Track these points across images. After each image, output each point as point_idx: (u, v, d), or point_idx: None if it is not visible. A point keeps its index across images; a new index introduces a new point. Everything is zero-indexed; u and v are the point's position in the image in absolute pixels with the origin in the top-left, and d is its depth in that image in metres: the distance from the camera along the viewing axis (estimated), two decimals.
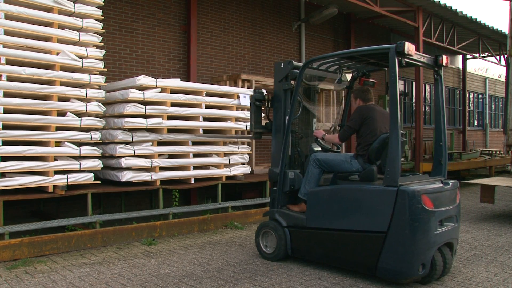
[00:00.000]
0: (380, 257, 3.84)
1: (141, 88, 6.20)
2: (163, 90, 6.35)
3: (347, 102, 5.50)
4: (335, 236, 4.17)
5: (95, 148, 5.70)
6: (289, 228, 4.58)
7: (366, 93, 4.67)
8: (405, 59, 3.98)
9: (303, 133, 5.37)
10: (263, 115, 5.36)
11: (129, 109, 5.98)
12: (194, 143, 6.83)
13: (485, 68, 34.37)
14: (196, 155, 6.81)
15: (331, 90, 9.37)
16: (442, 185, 4.13)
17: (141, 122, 6.09)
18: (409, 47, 3.87)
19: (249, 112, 6.67)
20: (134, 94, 6.02)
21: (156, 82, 6.29)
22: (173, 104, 6.48)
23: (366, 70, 5.04)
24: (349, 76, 4.86)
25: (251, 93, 5.51)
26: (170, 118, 6.43)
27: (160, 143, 6.45)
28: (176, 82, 6.69)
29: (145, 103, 6.18)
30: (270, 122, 5.16)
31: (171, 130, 6.53)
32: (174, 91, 6.50)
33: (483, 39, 14.24)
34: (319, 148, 4.92)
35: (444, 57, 4.39)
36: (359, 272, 4.15)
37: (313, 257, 4.47)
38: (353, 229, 4.04)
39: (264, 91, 5.33)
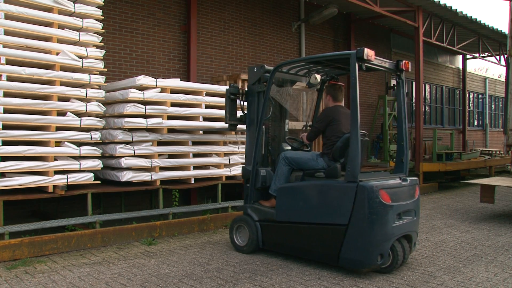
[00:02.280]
0: (342, 248, 4.11)
1: (141, 88, 6.20)
2: (163, 90, 6.35)
3: (317, 103, 5.76)
4: (301, 229, 4.46)
5: (95, 148, 5.70)
6: (260, 222, 4.87)
7: (338, 91, 4.93)
8: (366, 64, 4.26)
9: (276, 133, 5.64)
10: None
11: (129, 109, 5.98)
12: (194, 143, 6.83)
13: (485, 68, 34.42)
14: (196, 155, 6.82)
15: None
16: (400, 181, 4.39)
17: (141, 122, 6.09)
18: (368, 53, 4.15)
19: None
20: (134, 94, 6.02)
21: (156, 82, 6.29)
22: (173, 104, 6.48)
23: (334, 73, 5.35)
24: (319, 78, 5.13)
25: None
26: (170, 118, 6.43)
27: (160, 143, 6.45)
28: (176, 82, 6.69)
29: (145, 103, 6.18)
30: (245, 114, 5.44)
31: (171, 130, 6.54)
32: (174, 91, 6.50)
33: (483, 39, 14.24)
34: (289, 147, 5.23)
35: (405, 62, 4.69)
36: (324, 263, 4.41)
37: (282, 249, 4.74)
38: (317, 222, 4.33)
39: (238, 85, 5.56)
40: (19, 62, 5.18)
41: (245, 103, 5.48)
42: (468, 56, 17.68)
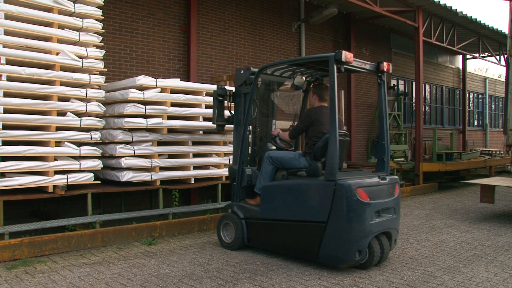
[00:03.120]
0: (322, 244, 4.24)
1: (141, 88, 6.20)
2: (163, 90, 6.35)
3: (303, 103, 5.87)
4: (284, 226, 4.60)
5: (95, 148, 5.70)
6: (246, 220, 5.02)
7: (324, 91, 5.02)
8: (344, 66, 4.37)
9: (263, 133, 5.79)
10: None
11: (129, 109, 5.98)
12: (194, 143, 6.83)
13: (485, 68, 34.41)
14: (196, 155, 6.82)
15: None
16: (378, 180, 4.50)
17: (141, 122, 6.09)
18: (347, 55, 4.25)
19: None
20: (134, 94, 6.02)
21: (156, 82, 6.29)
22: (173, 104, 6.48)
23: (318, 75, 5.44)
24: (303, 80, 5.25)
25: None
26: (170, 118, 6.43)
27: (160, 143, 6.45)
28: (176, 82, 6.69)
29: (145, 103, 6.18)
30: (232, 115, 5.60)
31: (171, 130, 6.54)
32: (174, 91, 6.50)
33: (483, 39, 14.25)
34: (274, 147, 5.36)
35: (385, 63, 4.80)
36: (304, 258, 4.55)
37: (266, 245, 4.91)
38: (298, 220, 4.46)
39: (226, 87, 5.79)
40: (19, 62, 5.18)
41: (237, 104, 5.56)
42: (468, 56, 17.69)
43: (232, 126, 5.63)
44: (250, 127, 5.53)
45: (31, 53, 5.21)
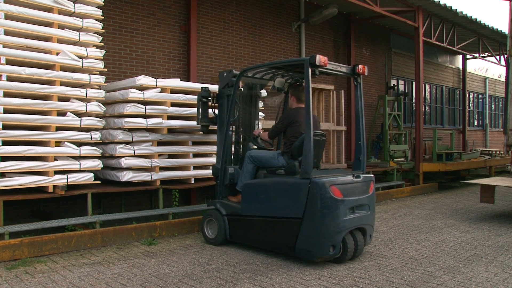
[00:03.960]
0: (297, 240, 4.43)
1: (141, 88, 6.20)
2: (163, 90, 6.35)
3: (284, 105, 6.00)
4: (263, 222, 4.81)
5: (95, 148, 5.70)
6: (228, 216, 5.22)
7: (301, 93, 5.13)
8: (319, 69, 4.56)
9: (246, 133, 5.97)
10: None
11: (129, 109, 5.98)
12: (194, 143, 6.83)
13: (485, 68, 34.43)
14: (196, 155, 6.81)
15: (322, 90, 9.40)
16: (352, 178, 4.67)
17: (141, 122, 6.09)
18: (321, 59, 4.42)
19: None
20: (134, 94, 6.02)
21: (156, 82, 6.29)
22: (173, 104, 6.48)
23: (298, 77, 5.59)
24: (283, 82, 5.44)
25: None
26: (170, 118, 6.43)
27: (160, 143, 6.45)
28: (176, 82, 6.69)
29: (145, 103, 6.18)
30: (216, 116, 5.85)
31: (171, 130, 6.54)
32: (174, 91, 6.50)
33: (483, 39, 14.25)
34: (255, 147, 5.61)
35: (361, 66, 4.99)
36: (282, 253, 4.75)
37: (246, 241, 5.13)
38: (276, 216, 4.67)
39: (209, 88, 6.02)
40: (19, 62, 5.18)
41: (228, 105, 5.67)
42: (468, 56, 17.69)
43: (216, 126, 5.82)
44: (234, 127, 5.69)
45: (31, 53, 5.21)
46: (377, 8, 9.77)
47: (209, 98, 5.92)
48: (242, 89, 5.99)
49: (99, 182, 5.99)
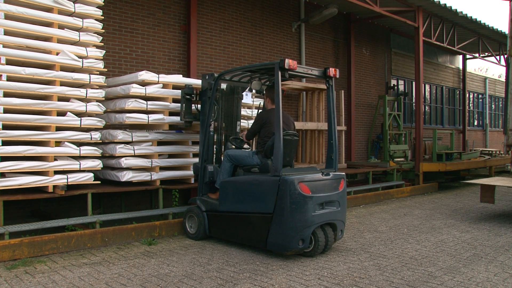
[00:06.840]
0: (269, 234, 4.68)
1: (143, 84, 6.20)
2: (165, 85, 6.35)
3: (264, 106, 6.17)
4: (239, 218, 5.07)
5: (95, 148, 5.70)
6: (207, 213, 5.48)
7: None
8: (289, 72, 4.81)
9: (229, 133, 6.23)
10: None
11: (131, 104, 5.97)
12: (194, 143, 6.82)
13: (485, 68, 34.43)
14: (196, 155, 6.81)
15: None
16: (321, 175, 4.92)
17: (143, 118, 6.08)
18: (290, 63, 4.67)
19: (250, 110, 7.19)
20: (135, 89, 6.01)
21: (158, 77, 6.28)
22: (175, 100, 6.47)
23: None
24: (260, 84, 5.73)
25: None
26: (172, 114, 6.42)
27: (160, 143, 6.45)
28: (178, 78, 6.67)
29: (146, 98, 6.17)
30: (199, 112, 6.09)
31: (172, 127, 6.53)
32: (176, 87, 6.50)
33: (483, 39, 14.25)
34: (234, 146, 5.87)
35: (332, 69, 5.20)
36: (256, 247, 5.00)
37: (224, 236, 5.38)
38: (250, 212, 4.91)
39: (194, 85, 6.25)
40: (19, 62, 5.18)
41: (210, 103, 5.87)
42: (468, 56, 17.69)
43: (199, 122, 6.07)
44: (213, 126, 5.89)
45: (31, 53, 5.21)
46: (377, 8, 9.77)
47: (192, 96, 6.12)
48: (224, 89, 6.21)
49: (99, 182, 5.99)
